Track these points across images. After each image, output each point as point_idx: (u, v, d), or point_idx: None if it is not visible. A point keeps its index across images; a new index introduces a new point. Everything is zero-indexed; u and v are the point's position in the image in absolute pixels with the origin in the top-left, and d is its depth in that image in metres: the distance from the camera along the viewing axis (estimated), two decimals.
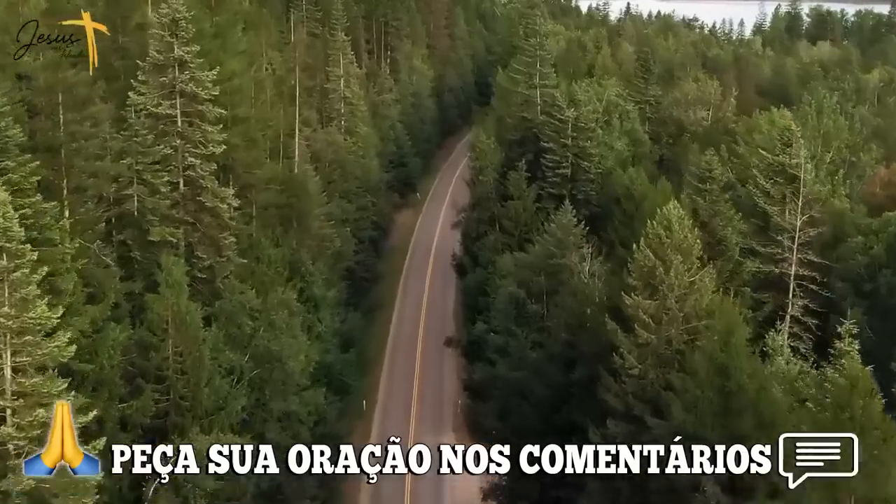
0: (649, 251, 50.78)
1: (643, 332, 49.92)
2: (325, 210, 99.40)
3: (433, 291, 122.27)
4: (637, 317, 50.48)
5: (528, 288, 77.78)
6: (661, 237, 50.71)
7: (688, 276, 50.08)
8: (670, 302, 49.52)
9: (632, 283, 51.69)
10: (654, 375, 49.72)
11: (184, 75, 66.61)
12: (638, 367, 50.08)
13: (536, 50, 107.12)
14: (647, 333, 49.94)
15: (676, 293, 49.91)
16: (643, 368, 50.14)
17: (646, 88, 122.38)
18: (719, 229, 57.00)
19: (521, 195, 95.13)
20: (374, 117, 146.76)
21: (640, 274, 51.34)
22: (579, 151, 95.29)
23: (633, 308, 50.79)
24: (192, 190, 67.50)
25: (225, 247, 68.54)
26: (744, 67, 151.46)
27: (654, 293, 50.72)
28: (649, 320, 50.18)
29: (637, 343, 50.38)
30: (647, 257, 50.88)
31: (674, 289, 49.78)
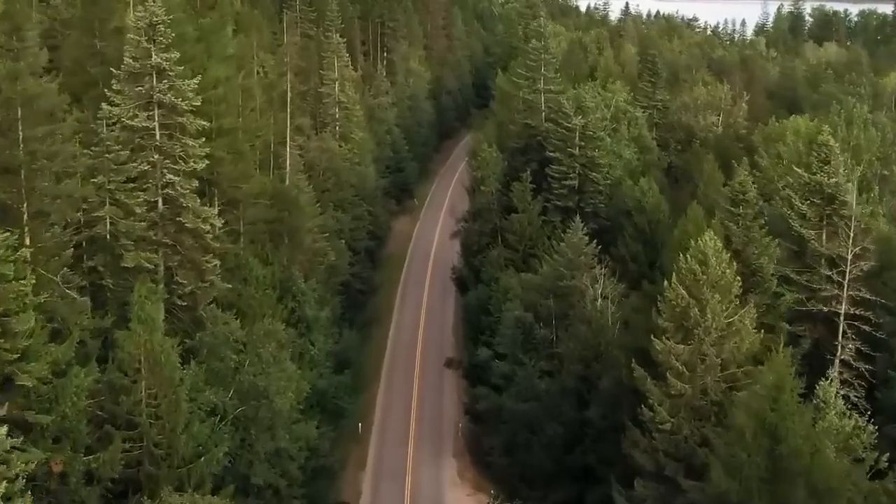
0: (682, 289, 44.38)
1: (676, 382, 43.55)
2: (318, 222, 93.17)
3: (432, 304, 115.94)
4: (669, 363, 44.17)
5: (536, 311, 71.60)
6: (695, 273, 44.29)
7: (725, 315, 43.58)
8: (706, 347, 43.18)
9: (662, 324, 45.27)
10: (688, 430, 43.42)
11: (162, 84, 60.17)
12: (670, 420, 43.70)
13: (541, 53, 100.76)
14: (681, 383, 43.59)
15: (713, 336, 43.51)
16: (676, 422, 43.73)
17: (653, 93, 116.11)
18: (753, 258, 50.53)
19: (526, 208, 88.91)
20: (370, 121, 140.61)
21: (672, 314, 44.95)
22: (587, 161, 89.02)
23: (665, 354, 44.46)
24: (172, 210, 61.10)
25: (208, 271, 62.17)
26: (751, 70, 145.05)
27: (688, 336, 44.38)
28: (682, 368, 43.87)
29: (669, 393, 43.97)
30: (679, 296, 44.50)
31: (710, 332, 43.44)
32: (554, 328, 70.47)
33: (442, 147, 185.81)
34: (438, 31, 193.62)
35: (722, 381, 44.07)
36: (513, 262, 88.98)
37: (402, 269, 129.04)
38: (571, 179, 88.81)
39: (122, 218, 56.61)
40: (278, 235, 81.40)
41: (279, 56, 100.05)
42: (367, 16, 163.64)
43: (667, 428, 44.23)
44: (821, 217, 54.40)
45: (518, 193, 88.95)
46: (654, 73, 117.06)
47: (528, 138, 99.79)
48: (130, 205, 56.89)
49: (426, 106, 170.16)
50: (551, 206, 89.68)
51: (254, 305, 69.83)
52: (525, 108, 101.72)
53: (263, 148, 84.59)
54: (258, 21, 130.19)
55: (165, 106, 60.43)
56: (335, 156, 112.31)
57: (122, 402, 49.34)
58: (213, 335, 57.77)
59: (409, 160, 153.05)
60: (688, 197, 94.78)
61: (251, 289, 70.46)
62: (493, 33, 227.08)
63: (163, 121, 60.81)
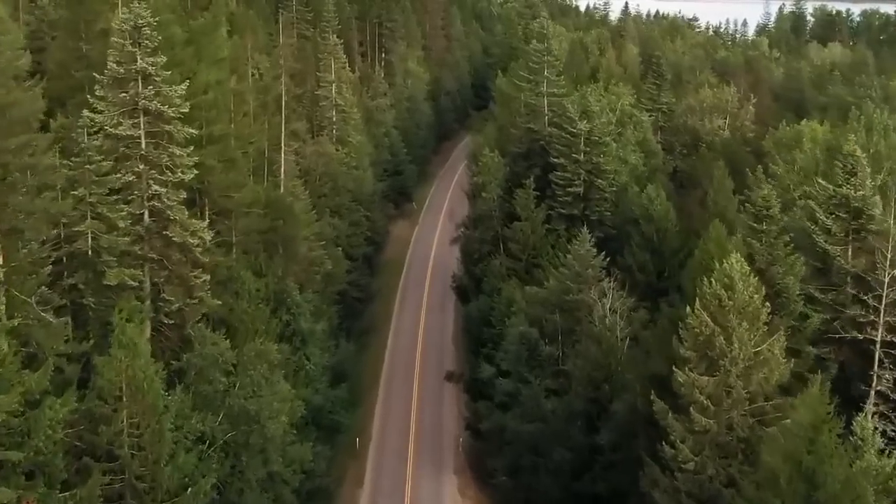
0: (706, 315, 40.63)
1: (700, 418, 39.88)
2: (314, 230, 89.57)
3: (431, 312, 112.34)
4: (692, 397, 40.51)
5: (542, 327, 68.03)
6: (720, 298, 40.60)
7: (753, 344, 39.91)
8: (733, 378, 39.50)
9: (684, 353, 41.53)
10: (713, 470, 39.75)
11: (148, 90, 56.44)
12: (693, 459, 40.00)
13: (543, 55, 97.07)
14: (705, 419, 39.92)
15: (740, 367, 39.84)
16: (700, 461, 40.04)
17: (658, 95, 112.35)
18: (778, 277, 46.82)
19: (529, 216, 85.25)
20: (368, 124, 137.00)
21: (695, 343, 41.25)
22: (593, 168, 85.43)
23: (688, 387, 40.76)
24: (158, 223, 57.45)
25: (196, 287, 58.51)
26: (756, 72, 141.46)
27: (713, 367, 40.67)
28: (707, 402, 40.15)
29: (692, 429, 40.29)
30: (703, 323, 40.75)
31: (737, 362, 39.75)
32: (560, 344, 66.94)
33: (440, 149, 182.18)
34: (437, 31, 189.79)
35: (749, 416, 40.42)
36: (515, 272, 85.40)
37: (400, 275, 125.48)
38: (576, 186, 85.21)
39: (104, 232, 52.96)
40: (272, 245, 77.84)
41: (274, 58, 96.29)
42: (365, 16, 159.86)
43: (690, 467, 40.53)
44: (846, 232, 50.70)
45: (521, 201, 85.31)
46: (658, 75, 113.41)
47: (531, 143, 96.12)
48: (113, 218, 53.20)
49: (425, 107, 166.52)
50: (555, 214, 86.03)
51: (246, 321, 66.27)
52: (527, 112, 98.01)
53: (257, 154, 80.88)
54: (253, 22, 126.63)
55: (151, 113, 56.78)
56: (332, 160, 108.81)
57: (101, 433, 45.85)
58: (202, 356, 54.20)
59: (408, 163, 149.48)
60: (695, 203, 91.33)
61: (243, 303, 66.88)
62: (493, 33, 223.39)
63: (149, 129, 57.19)
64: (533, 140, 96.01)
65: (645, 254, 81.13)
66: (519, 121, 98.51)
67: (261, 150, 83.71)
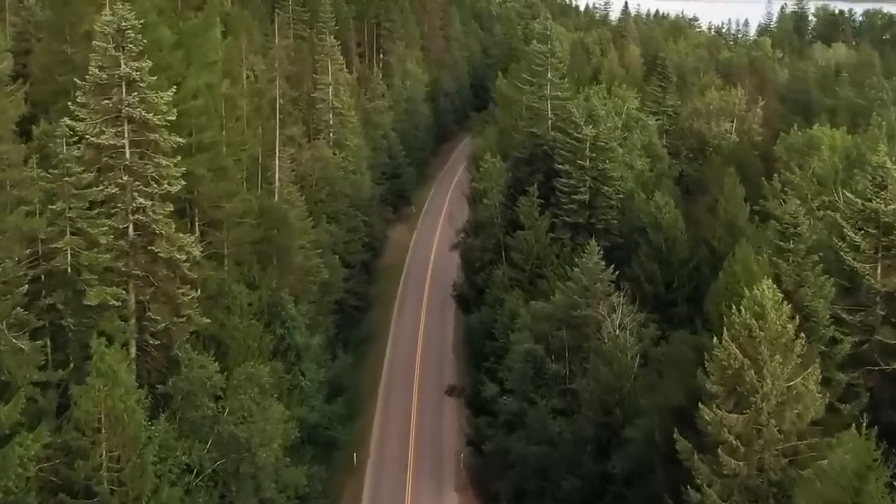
0: (735, 347, 36.97)
1: (729, 460, 36.29)
2: (310, 238, 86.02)
3: (430, 320, 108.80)
4: (720, 437, 36.86)
5: (548, 343, 64.46)
6: (750, 329, 36.95)
7: (785, 377, 36.29)
8: (764, 416, 35.92)
9: (710, 388, 37.87)
10: None
11: (132, 97, 52.84)
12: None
13: (546, 57, 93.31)
14: (734, 461, 36.33)
15: (772, 403, 36.23)
16: None
17: (663, 98, 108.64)
18: (807, 300, 43.21)
19: (533, 224, 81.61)
20: (366, 126, 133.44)
21: (722, 377, 37.55)
22: (599, 174, 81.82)
23: (715, 425, 37.10)
24: (144, 237, 53.89)
25: (184, 305, 54.99)
26: (761, 73, 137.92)
27: (742, 403, 37.04)
28: (737, 442, 36.52)
29: (720, 472, 36.70)
30: (731, 356, 37.05)
31: (769, 398, 36.15)
32: (567, 362, 63.44)
33: (439, 150, 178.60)
34: (436, 31, 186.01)
35: (781, 456, 36.84)
36: (519, 282, 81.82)
37: (399, 281, 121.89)
38: (582, 194, 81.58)
39: (84, 249, 49.40)
40: (266, 256, 74.31)
41: (269, 61, 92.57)
42: (363, 16, 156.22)
43: None
44: (875, 249, 47.09)
45: (524, 209, 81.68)
46: (664, 77, 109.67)
47: (534, 148, 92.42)
48: (94, 234, 49.64)
49: (423, 109, 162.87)
50: (560, 223, 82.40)
51: (238, 338, 62.81)
52: (530, 116, 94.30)
53: (250, 161, 77.38)
54: (248, 23, 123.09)
55: (136, 121, 53.28)
56: (329, 164, 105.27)
57: (78, 467, 42.47)
58: (188, 380, 50.64)
59: (406, 165, 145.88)
60: (704, 210, 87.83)
61: (235, 318, 63.38)
62: (492, 34, 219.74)
63: (133, 137, 53.71)
64: (536, 145, 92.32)
65: (653, 264, 77.69)
66: (521, 124, 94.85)
67: (254, 157, 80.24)
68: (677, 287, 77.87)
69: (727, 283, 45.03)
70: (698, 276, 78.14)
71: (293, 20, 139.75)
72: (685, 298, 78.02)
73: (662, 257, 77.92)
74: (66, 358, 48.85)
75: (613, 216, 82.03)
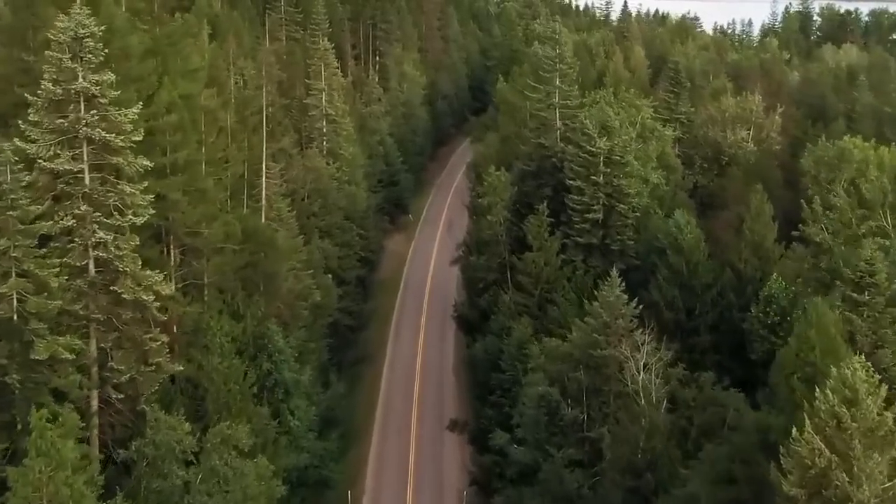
0: (820, 440, 29.42)
1: None
2: (301, 257, 78.59)
3: (429, 341, 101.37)
4: None
5: (564, 386, 56.96)
6: (840, 418, 29.45)
7: (883, 479, 28.82)
8: None
9: (788, 491, 30.27)
10: None
11: (91, 115, 45.31)
12: None
13: (555, 63, 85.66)
14: None
15: None
16: None
17: (675, 104, 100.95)
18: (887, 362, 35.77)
19: (542, 245, 74.27)
20: (362, 132, 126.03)
21: (803, 477, 29.94)
22: (613, 191, 74.37)
23: None
24: (106, 276, 46.38)
25: (152, 351, 47.53)
26: (773, 76, 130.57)
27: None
28: None
29: None
30: (816, 451, 29.48)
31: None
32: (585, 407, 55.99)
33: (437, 155, 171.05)
34: (433, 32, 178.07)
35: None
36: (527, 308, 74.45)
37: (396, 296, 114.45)
38: (595, 212, 74.19)
39: (32, 294, 41.89)
40: (252, 283, 66.87)
41: (257, 67, 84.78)
42: (358, 17, 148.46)
43: None
44: None
45: (533, 229, 74.25)
46: (676, 82, 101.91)
47: (541, 160, 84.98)
48: (43, 276, 42.14)
49: (421, 112, 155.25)
50: (571, 244, 75.07)
51: (217, 381, 55.37)
52: (537, 126, 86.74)
53: (234, 179, 69.80)
54: (237, 24, 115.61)
55: (96, 142, 45.71)
56: (322, 175, 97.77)
57: None
58: (155, 444, 43.07)
59: (404, 172, 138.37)
60: (724, 227, 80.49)
61: (214, 358, 55.88)
62: (490, 34, 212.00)
63: (93, 161, 46.13)
64: (543, 156, 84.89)
65: (673, 289, 70.61)
66: (527, 135, 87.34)
67: (240, 173, 72.62)
68: (700, 314, 70.77)
69: (799, 350, 37.47)
70: (722, 302, 71.12)
71: (285, 21, 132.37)
72: (708, 327, 70.95)
73: (683, 281, 70.96)
74: (13, 420, 41.53)
75: (629, 236, 74.65)
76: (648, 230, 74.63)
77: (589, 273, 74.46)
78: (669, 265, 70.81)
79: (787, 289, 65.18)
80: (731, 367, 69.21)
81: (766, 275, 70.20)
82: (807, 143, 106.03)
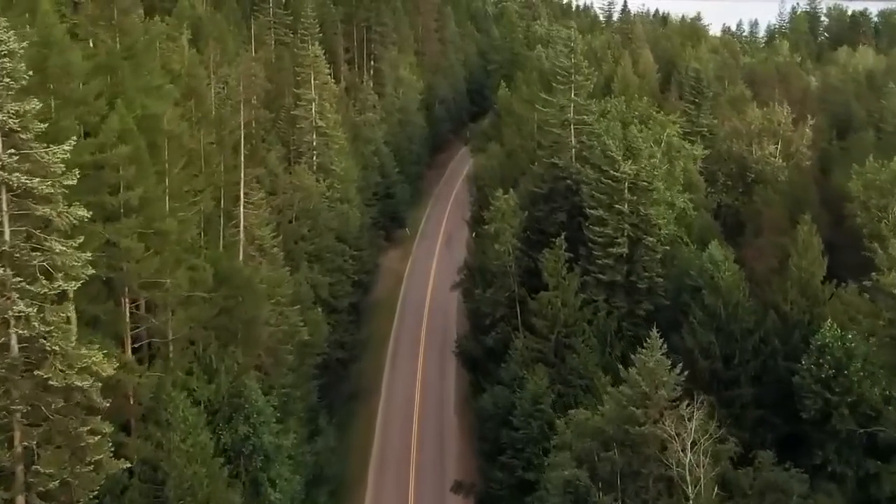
0: None
1: None
2: (286, 292, 68.54)
3: (429, 376, 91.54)
4: None
5: (594, 468, 47.00)
6: None
7: None
8: None
9: None
10: None
11: (8, 156, 35.23)
12: None
13: (571, 74, 75.47)
14: None
15: None
16: None
17: (697, 116, 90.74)
18: None
19: (560, 284, 64.11)
20: (355, 141, 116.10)
21: None
22: (640, 221, 64.18)
23: None
24: (29, 356, 36.30)
25: (91, 447, 37.38)
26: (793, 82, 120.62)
27: None
28: None
29: None
30: None
31: None
32: (620, 493, 45.97)
33: (435, 162, 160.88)
34: (431, 33, 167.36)
35: None
36: (542, 354, 64.45)
37: (392, 320, 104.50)
38: (619, 246, 64.03)
39: None
40: (227, 332, 56.82)
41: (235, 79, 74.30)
42: (352, 19, 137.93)
43: None
44: None
45: (549, 265, 64.16)
46: (698, 91, 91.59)
47: (555, 181, 75.03)
48: None
49: (418, 118, 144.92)
50: (592, 280, 64.94)
51: (179, 465, 45.39)
52: (549, 144, 76.61)
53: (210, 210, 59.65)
54: (221, 28, 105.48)
55: (15, 190, 35.54)
56: (312, 194, 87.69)
57: None
58: None
59: (400, 183, 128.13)
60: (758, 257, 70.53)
61: (176, 436, 45.88)
62: (489, 35, 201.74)
63: (14, 212, 36.01)
64: (557, 177, 74.89)
65: (709, 334, 60.58)
66: (538, 153, 77.23)
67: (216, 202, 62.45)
68: (739, 363, 60.79)
69: None
70: (766, 349, 61.16)
71: (274, 24, 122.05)
72: (750, 377, 60.99)
73: (720, 325, 60.91)
74: None
75: (658, 272, 64.58)
76: (678, 265, 64.65)
77: (612, 315, 64.56)
78: (704, 306, 60.92)
79: (842, 337, 55.34)
80: (776, 424, 59.61)
81: (815, 318, 60.42)
82: (833, 155, 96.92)
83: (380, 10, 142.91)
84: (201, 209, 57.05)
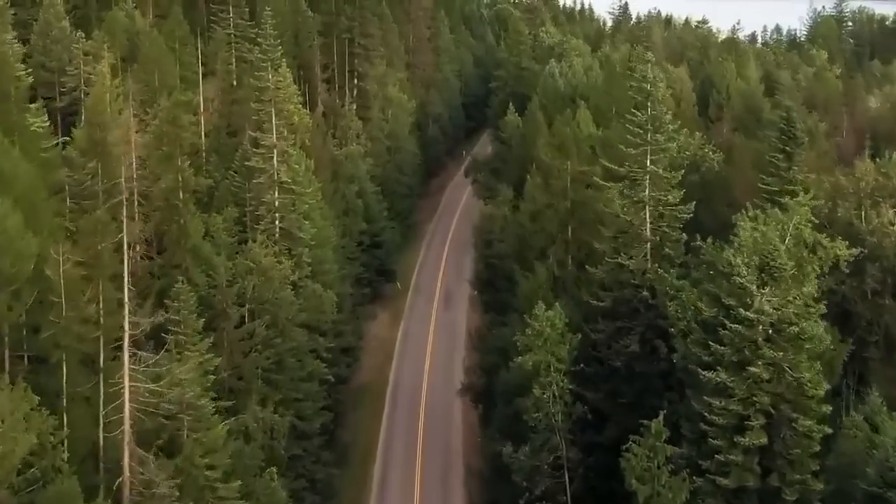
0: None
1: None
2: (223, 459, 41.35)
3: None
4: None
5: None
6: None
7: None
8: None
9: None
10: None
11: None
12: None
13: (647, 130, 47.85)
14: None
15: None
16: None
17: (788, 170, 62.55)
18: None
19: (658, 493, 36.36)
20: (335, 180, 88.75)
21: None
22: (786, 388, 36.69)
23: None
24: None
25: None
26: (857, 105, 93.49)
27: None
28: None
29: None
30: None
31: None
32: None
33: (429, 189, 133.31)
34: (423, 43, 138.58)
35: None
36: None
37: (380, 418, 77.87)
38: (755, 433, 36.45)
39: None
40: None
41: (120, 149, 46.07)
42: (331, 30, 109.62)
43: None
44: None
45: (636, 469, 36.46)
46: (790, 136, 63.51)
47: (621, 288, 47.33)
48: None
49: (409, 144, 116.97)
50: (708, 487, 37.25)
51: None
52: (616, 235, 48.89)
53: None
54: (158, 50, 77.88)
55: None
56: (271, 278, 60.38)
57: None
58: None
59: (389, 228, 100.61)
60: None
61: None
62: (483, 41, 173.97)
63: None
64: (624, 283, 47.27)
65: None
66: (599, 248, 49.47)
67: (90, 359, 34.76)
68: None
69: None
70: None
71: (234, 37, 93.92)
72: None
73: None
74: None
75: (813, 469, 37.19)
76: (845, 454, 37.32)
77: None
78: None
79: None
80: None
81: None
82: None
83: (365, 18, 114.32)
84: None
